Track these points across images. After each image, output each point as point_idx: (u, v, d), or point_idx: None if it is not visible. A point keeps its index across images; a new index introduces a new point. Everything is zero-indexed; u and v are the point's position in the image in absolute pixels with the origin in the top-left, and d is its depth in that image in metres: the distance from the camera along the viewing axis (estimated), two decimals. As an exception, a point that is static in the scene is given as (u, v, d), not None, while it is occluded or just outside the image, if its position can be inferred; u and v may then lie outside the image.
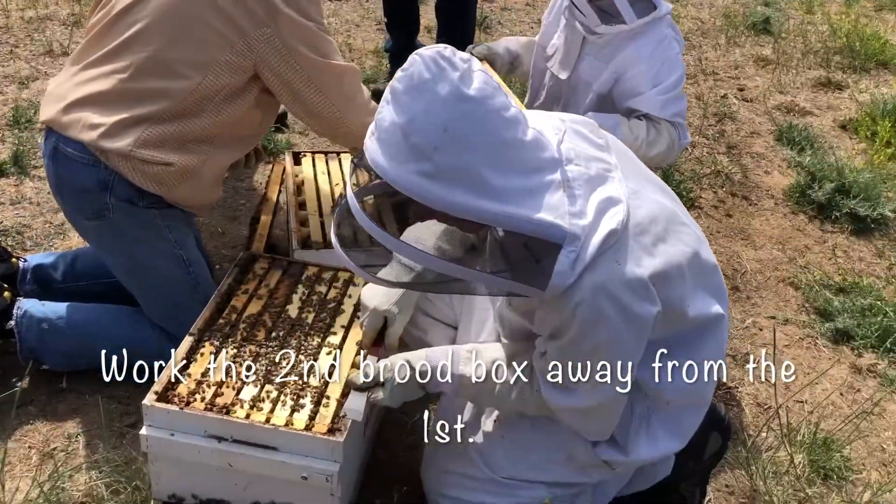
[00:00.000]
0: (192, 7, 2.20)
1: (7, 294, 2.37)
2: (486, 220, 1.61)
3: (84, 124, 2.21)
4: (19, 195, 3.27)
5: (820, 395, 2.74)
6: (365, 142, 1.67)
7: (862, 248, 3.55)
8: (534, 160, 1.64)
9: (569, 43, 2.79)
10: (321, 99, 2.34)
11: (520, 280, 1.67)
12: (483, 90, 1.57)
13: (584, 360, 1.74)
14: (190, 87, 2.21)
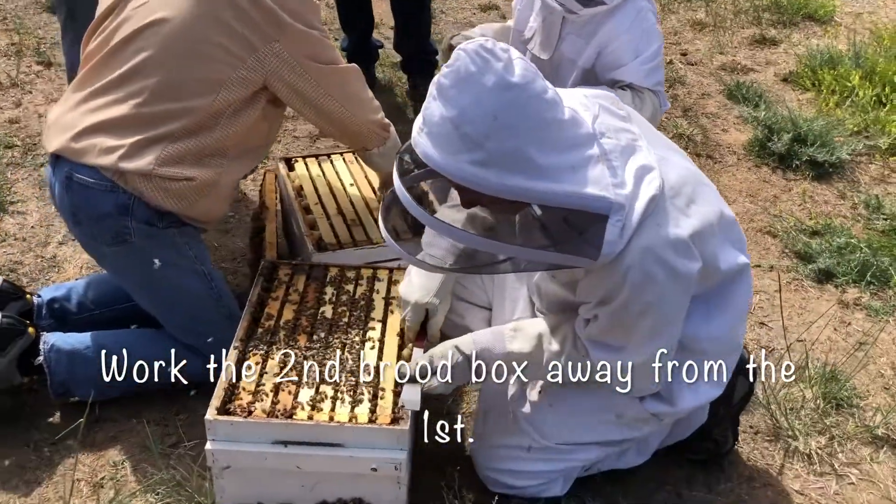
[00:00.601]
0: (202, 28, 2.22)
1: (32, 330, 2.35)
2: (537, 199, 1.69)
3: (100, 149, 2.20)
4: (2, 233, 3.20)
5: (816, 333, 2.91)
6: (413, 137, 1.73)
7: (825, 192, 3.76)
8: (573, 137, 1.72)
9: (547, 24, 2.88)
10: (331, 102, 2.40)
11: (570, 252, 1.76)
12: (525, 76, 1.65)
13: (634, 321, 1.84)
14: (205, 105, 2.23)
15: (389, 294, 2.39)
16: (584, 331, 1.94)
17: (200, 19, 2.22)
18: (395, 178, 1.77)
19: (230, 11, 2.22)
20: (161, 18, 2.23)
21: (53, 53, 4.50)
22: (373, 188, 2.90)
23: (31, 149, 3.71)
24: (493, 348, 2.02)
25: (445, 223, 1.74)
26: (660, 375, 1.94)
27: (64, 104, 2.34)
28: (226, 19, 2.22)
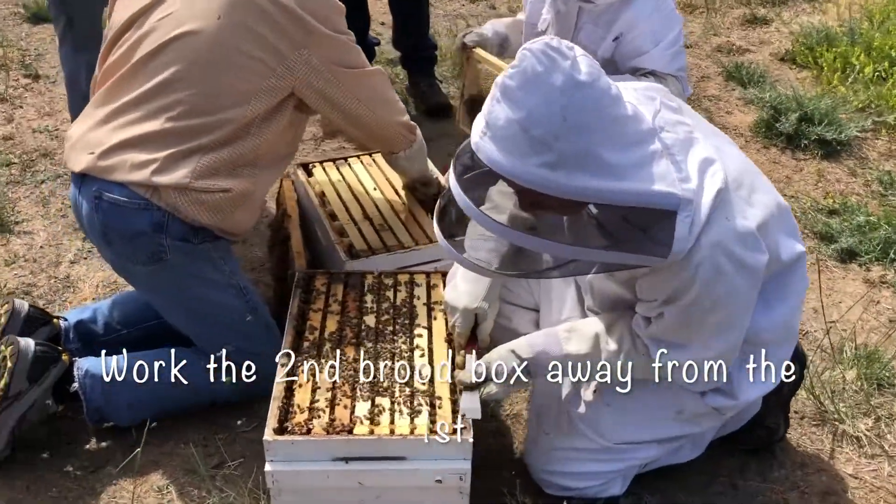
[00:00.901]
0: (231, 39, 2.16)
1: (65, 356, 2.27)
2: (606, 198, 1.65)
3: (131, 164, 2.13)
4: (11, 255, 3.10)
5: (848, 313, 2.91)
6: (473, 142, 1.68)
7: (836, 170, 3.76)
8: (637, 133, 1.68)
9: (563, 16, 2.84)
10: (359, 106, 2.35)
11: (638, 252, 1.72)
12: (592, 73, 1.61)
13: (703, 317, 1.81)
14: (238, 115, 2.18)
15: (430, 299, 2.34)
16: (646, 330, 1.91)
17: (229, 29, 2.16)
18: (454, 184, 1.72)
19: (258, 19, 2.17)
20: (189, 31, 2.16)
21: (39, 66, 4.39)
22: (396, 191, 2.85)
23: (29, 165, 3.61)
24: (550, 351, 1.98)
25: (517, 230, 1.69)
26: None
27: (86, 121, 2.26)
28: (254, 28, 2.17)
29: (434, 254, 2.56)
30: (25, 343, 2.20)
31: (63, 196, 3.42)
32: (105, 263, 3.03)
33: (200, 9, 2.18)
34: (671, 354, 1.89)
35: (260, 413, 2.46)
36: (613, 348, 1.95)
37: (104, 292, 2.95)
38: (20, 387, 2.18)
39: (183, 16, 2.18)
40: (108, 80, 2.25)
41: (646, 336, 1.92)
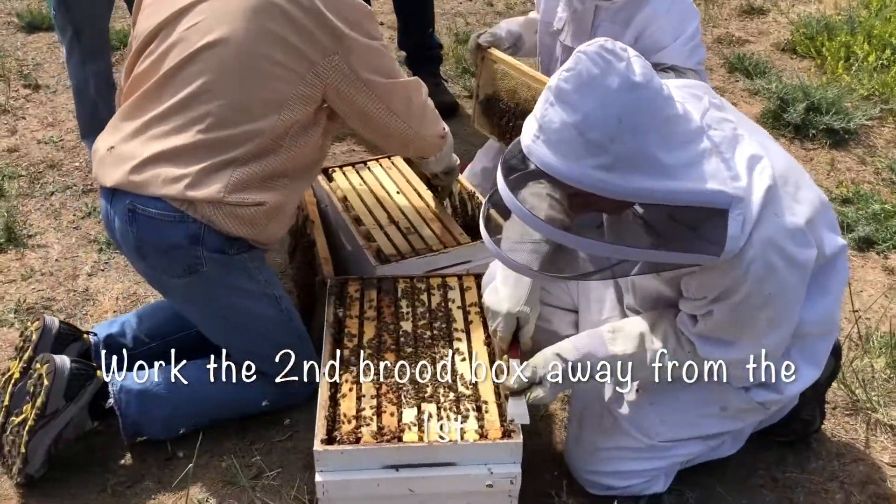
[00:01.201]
0: (259, 46, 2.12)
1: (100, 373, 2.24)
2: (660, 199, 1.65)
3: (163, 179, 2.10)
4: (27, 269, 3.06)
5: (868, 301, 2.93)
6: (525, 145, 1.67)
7: (845, 159, 3.78)
8: (688, 132, 1.68)
9: (580, 14, 2.83)
10: (392, 119, 2.31)
11: (690, 251, 1.72)
12: (646, 74, 1.60)
13: (753, 314, 1.81)
14: (269, 126, 2.14)
15: (465, 302, 2.33)
16: (693, 328, 1.91)
17: (257, 36, 2.12)
18: (504, 189, 1.70)
19: (286, 25, 2.13)
20: (217, 39, 2.12)
21: (39, 75, 4.35)
22: (419, 193, 2.83)
23: (38, 177, 3.57)
24: (596, 352, 1.98)
25: (571, 233, 1.68)
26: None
27: (114, 134, 2.22)
28: (282, 34, 2.12)
29: (463, 255, 2.55)
30: (61, 361, 2.17)
31: (75, 207, 3.38)
32: (124, 275, 3.02)
33: (227, 17, 2.14)
34: (720, 352, 1.89)
35: (294, 422, 2.46)
36: (659, 347, 1.95)
37: (124, 304, 2.92)
38: (57, 405, 2.15)
39: (210, 25, 2.14)
40: (135, 91, 2.22)
41: (693, 334, 1.92)
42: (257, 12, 2.13)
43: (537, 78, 2.74)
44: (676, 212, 1.73)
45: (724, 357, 1.90)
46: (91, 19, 3.11)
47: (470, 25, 5.00)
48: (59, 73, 4.37)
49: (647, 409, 2.09)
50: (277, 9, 2.13)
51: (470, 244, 2.57)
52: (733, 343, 1.88)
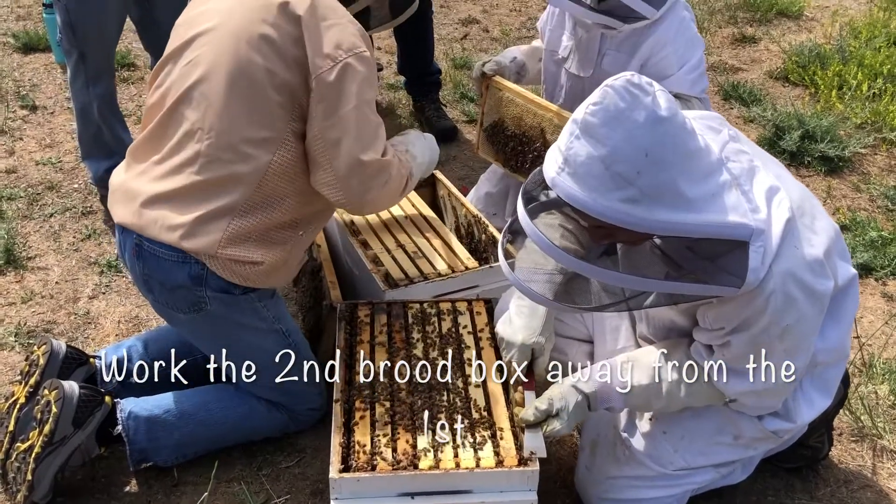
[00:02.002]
0: (246, 82, 2.05)
1: (108, 398, 2.21)
2: (683, 231, 1.65)
3: (162, 225, 2.07)
4: (27, 291, 3.03)
5: (869, 328, 2.95)
6: (549, 177, 1.67)
7: (840, 187, 3.83)
8: (709, 165, 1.70)
9: (585, 42, 2.86)
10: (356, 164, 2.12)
11: (711, 283, 1.72)
12: (671, 108, 1.62)
13: (771, 345, 1.82)
14: (259, 168, 2.07)
15: (476, 327, 2.33)
16: (710, 358, 1.91)
17: (242, 71, 2.05)
18: (526, 219, 1.71)
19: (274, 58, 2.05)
20: (204, 75, 2.08)
21: (36, 96, 4.32)
22: (425, 217, 2.84)
23: (36, 199, 3.54)
24: (612, 383, 1.98)
25: (599, 266, 1.68)
26: (789, 391, 1.93)
27: (128, 169, 2.21)
28: (270, 67, 2.04)
29: (471, 280, 2.55)
30: (70, 387, 2.14)
31: (74, 229, 3.36)
32: (125, 298, 3.00)
33: (216, 51, 2.08)
34: (736, 382, 1.90)
35: (302, 447, 2.44)
36: (675, 377, 1.96)
37: (126, 327, 2.89)
38: (65, 432, 2.12)
39: (201, 60, 2.10)
40: (148, 122, 2.19)
41: (709, 363, 1.92)
42: (243, 46, 2.06)
43: (543, 105, 2.76)
44: (696, 244, 1.75)
45: (740, 388, 1.90)
46: (98, 43, 3.10)
47: (467, 51, 5.04)
48: (56, 93, 4.36)
49: (661, 438, 2.09)
50: (263, 41, 2.05)
51: (478, 269, 2.57)
52: (748, 372, 1.89)
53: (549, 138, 2.79)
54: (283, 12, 2.06)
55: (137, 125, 4.00)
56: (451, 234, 2.76)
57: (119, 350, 2.45)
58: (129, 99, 4.33)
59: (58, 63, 4.60)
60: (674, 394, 1.97)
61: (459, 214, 2.91)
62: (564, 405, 1.95)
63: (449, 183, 3.00)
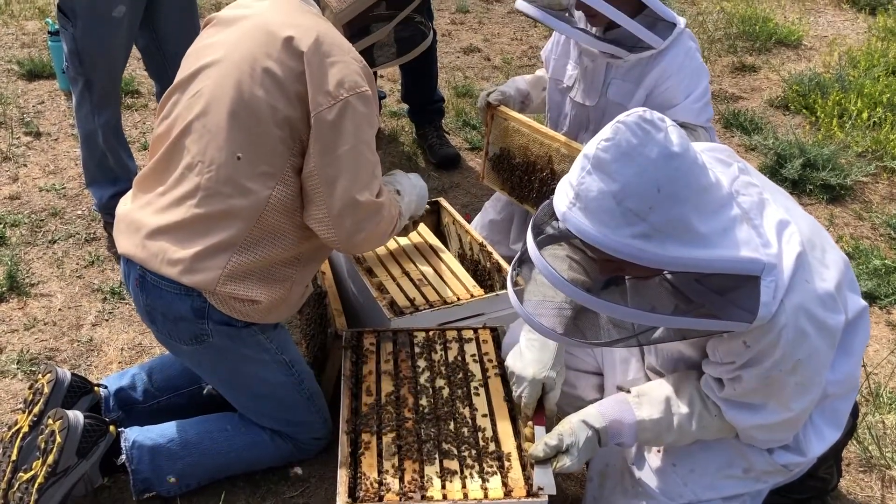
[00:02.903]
0: (247, 116, 2.05)
1: (112, 428, 2.19)
2: (695, 266, 1.64)
3: (163, 259, 2.07)
4: (30, 318, 3.01)
5: (875, 357, 2.95)
6: (560, 211, 1.67)
7: (843, 215, 3.84)
8: (719, 199, 1.69)
9: (591, 72, 2.88)
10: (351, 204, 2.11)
11: (722, 317, 1.71)
12: (682, 144, 1.62)
13: (782, 380, 1.80)
14: (258, 202, 2.06)
15: (482, 356, 2.32)
16: (720, 392, 1.90)
17: (243, 105, 2.05)
18: (536, 255, 1.70)
19: (276, 93, 2.05)
20: (204, 108, 2.08)
21: (40, 122, 4.34)
22: (430, 245, 2.84)
23: (39, 225, 3.54)
24: (623, 418, 1.96)
25: (607, 300, 1.68)
26: (800, 424, 1.91)
27: (133, 199, 2.22)
28: (271, 102, 2.04)
29: (476, 308, 2.55)
30: (75, 417, 2.13)
31: (78, 256, 3.35)
32: (128, 325, 2.99)
33: (218, 84, 2.09)
34: (747, 416, 1.88)
35: (305, 475, 2.42)
36: (685, 411, 1.94)
37: (130, 355, 2.88)
38: (69, 462, 2.10)
39: (204, 93, 2.11)
40: (154, 153, 2.20)
41: (720, 399, 1.90)
42: (245, 80, 2.06)
43: (550, 135, 2.77)
44: (707, 279, 1.74)
45: (751, 422, 1.89)
46: (105, 71, 3.12)
47: (469, 79, 5.07)
48: (60, 120, 4.37)
49: (670, 471, 2.07)
50: (266, 75, 2.05)
51: (483, 297, 2.57)
52: (761, 407, 1.87)
53: (557, 168, 2.80)
54: (287, 47, 2.06)
55: (142, 152, 4.02)
56: (455, 261, 2.76)
57: (123, 378, 2.44)
58: (132, 126, 4.34)
59: (62, 90, 4.62)
60: (685, 427, 1.95)
61: (464, 242, 2.91)
62: (574, 441, 1.93)
63: (453, 210, 3.00)
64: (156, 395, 2.43)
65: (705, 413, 1.94)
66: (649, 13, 2.68)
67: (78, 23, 3.01)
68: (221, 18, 2.25)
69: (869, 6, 6.30)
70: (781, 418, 1.87)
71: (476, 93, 4.83)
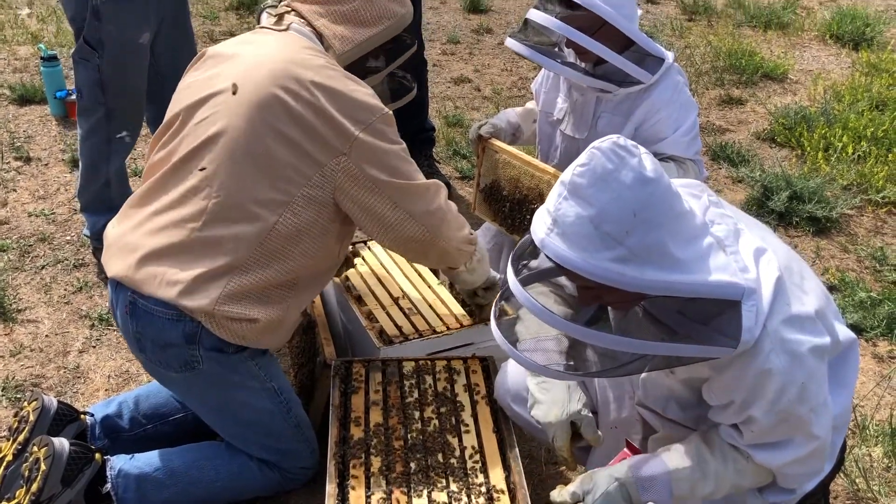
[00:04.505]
0: (260, 144, 2.06)
1: (98, 456, 2.18)
2: (674, 291, 1.66)
3: (161, 281, 2.07)
4: (16, 345, 3.00)
5: (861, 389, 2.96)
6: (538, 238, 1.68)
7: (829, 247, 3.87)
8: (695, 228, 1.72)
9: (580, 105, 2.91)
10: (409, 222, 2.20)
11: (707, 343, 1.73)
12: (656, 170, 1.65)
13: (793, 408, 1.78)
14: (264, 228, 2.07)
15: (472, 386, 2.32)
16: (741, 439, 1.87)
17: (257, 134, 2.06)
18: (516, 285, 1.71)
19: (290, 123, 2.07)
20: (218, 133, 2.09)
21: (31, 147, 4.34)
22: (420, 274, 2.84)
23: (28, 251, 3.53)
24: (654, 471, 1.90)
25: (593, 329, 1.69)
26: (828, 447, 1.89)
27: (124, 221, 2.21)
28: (286, 132, 2.06)
29: (466, 337, 2.55)
30: (60, 445, 2.11)
31: (66, 282, 3.34)
32: (116, 352, 2.97)
33: (232, 111, 2.10)
34: (778, 455, 1.85)
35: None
36: (719, 458, 1.89)
37: (116, 382, 2.86)
38: (53, 491, 2.09)
39: (215, 119, 2.12)
40: (148, 178, 2.21)
41: (745, 445, 1.87)
42: (261, 109, 2.08)
43: (541, 167, 2.79)
44: (688, 306, 1.75)
45: (782, 459, 1.85)
46: (130, 98, 3.13)
47: (459, 109, 5.11)
48: (50, 145, 4.37)
49: None
50: (281, 105, 2.07)
51: (473, 326, 2.57)
52: (788, 442, 1.84)
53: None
54: (301, 80, 2.09)
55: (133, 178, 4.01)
56: (445, 290, 2.76)
57: (110, 406, 2.43)
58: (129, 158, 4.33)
59: (53, 115, 4.63)
60: (721, 474, 1.89)
61: (454, 271, 2.92)
62: (592, 488, 1.87)
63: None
64: (142, 423, 2.42)
65: (739, 457, 1.89)
66: (637, 49, 2.72)
67: (105, 54, 3.01)
68: (221, 53, 2.28)
69: (853, 42, 6.40)
70: (811, 448, 1.85)
71: (467, 123, 4.87)
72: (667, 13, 7.08)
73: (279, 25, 2.27)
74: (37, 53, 5.27)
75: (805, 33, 6.68)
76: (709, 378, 1.85)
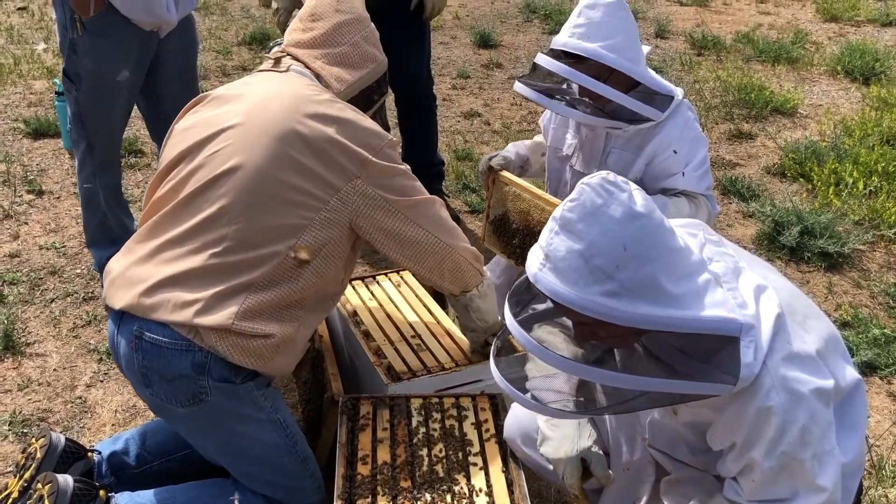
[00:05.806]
0: (279, 174, 2.12)
1: (102, 493, 2.16)
2: (668, 326, 1.63)
3: (174, 304, 2.07)
4: (24, 379, 2.99)
5: (877, 428, 2.92)
6: (531, 273, 1.68)
7: (841, 283, 3.84)
8: (691, 264, 1.70)
9: (590, 141, 2.91)
10: (425, 236, 2.29)
11: (706, 380, 1.70)
12: (647, 206, 1.64)
13: (798, 453, 1.73)
14: (284, 250, 2.12)
15: (480, 424, 2.30)
16: (743, 494, 1.82)
17: (278, 163, 2.12)
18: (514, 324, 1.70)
19: (307, 152, 2.14)
20: (237, 165, 2.13)
21: (43, 181, 4.37)
22: (429, 309, 2.83)
23: (38, 284, 3.54)
24: None
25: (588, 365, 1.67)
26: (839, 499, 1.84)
27: (129, 256, 2.21)
28: (303, 161, 2.13)
29: (475, 374, 2.53)
30: (64, 481, 2.09)
31: (75, 315, 3.34)
32: (123, 386, 2.96)
33: (249, 144, 2.15)
34: None
35: (299, 547, 2.36)
36: None
37: (123, 416, 2.85)
38: (57, 527, 2.06)
39: (232, 151, 2.15)
40: (154, 214, 2.21)
41: (746, 500, 1.82)
42: (278, 140, 2.14)
43: (550, 201, 2.79)
44: (686, 343, 1.73)
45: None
46: (106, 133, 3.16)
47: (469, 143, 5.13)
48: (63, 178, 4.41)
49: None
50: (298, 137, 2.15)
51: (482, 363, 2.55)
52: (793, 497, 1.79)
53: (556, 234, 2.81)
54: (312, 113, 2.18)
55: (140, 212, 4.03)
56: (454, 325, 2.75)
57: (116, 443, 2.41)
58: (135, 185, 4.37)
59: (66, 149, 4.67)
60: None
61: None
62: None
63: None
64: (148, 459, 2.40)
65: None
66: (644, 88, 2.74)
67: (82, 87, 3.06)
68: (224, 94, 2.32)
69: (863, 76, 6.41)
70: (819, 501, 1.78)
71: (476, 156, 4.89)
72: (676, 48, 7.12)
73: (279, 67, 2.36)
74: (52, 88, 5.34)
75: (815, 68, 6.70)
76: (712, 422, 1.82)
